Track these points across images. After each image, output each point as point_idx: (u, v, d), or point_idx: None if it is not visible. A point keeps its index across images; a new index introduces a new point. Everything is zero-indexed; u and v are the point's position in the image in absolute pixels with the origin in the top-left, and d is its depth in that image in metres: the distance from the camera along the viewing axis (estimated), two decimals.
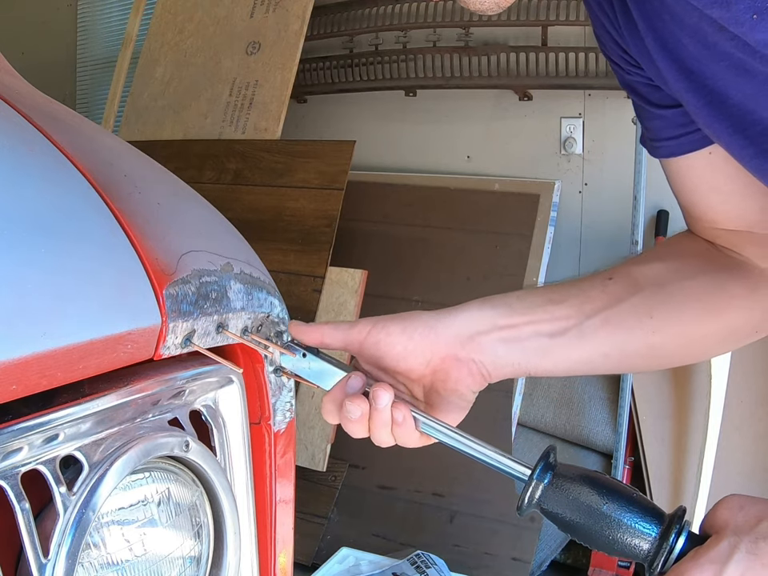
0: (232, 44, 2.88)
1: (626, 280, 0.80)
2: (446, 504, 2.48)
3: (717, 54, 0.66)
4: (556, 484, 0.67)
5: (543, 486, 0.67)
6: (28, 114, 0.81)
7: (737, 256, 0.84)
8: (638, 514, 0.65)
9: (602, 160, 2.72)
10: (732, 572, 0.62)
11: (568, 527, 0.67)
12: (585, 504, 0.66)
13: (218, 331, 0.77)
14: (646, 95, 0.78)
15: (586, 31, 2.63)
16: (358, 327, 0.75)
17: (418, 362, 0.75)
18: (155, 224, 0.77)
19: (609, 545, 0.66)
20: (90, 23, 3.95)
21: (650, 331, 0.79)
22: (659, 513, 0.66)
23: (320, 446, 2.46)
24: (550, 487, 0.67)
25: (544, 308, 0.77)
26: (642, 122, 0.83)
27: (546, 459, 0.68)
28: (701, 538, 0.65)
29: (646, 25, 0.70)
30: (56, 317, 0.62)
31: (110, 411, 0.70)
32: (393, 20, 2.81)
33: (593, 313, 0.78)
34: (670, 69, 0.71)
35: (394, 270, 2.72)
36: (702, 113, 0.71)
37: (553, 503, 0.67)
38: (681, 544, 0.64)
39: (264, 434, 0.88)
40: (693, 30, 0.66)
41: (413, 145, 3.00)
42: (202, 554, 0.82)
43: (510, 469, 0.70)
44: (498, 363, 0.76)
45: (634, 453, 2.47)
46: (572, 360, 0.79)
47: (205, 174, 2.75)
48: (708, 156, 0.78)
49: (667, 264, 0.82)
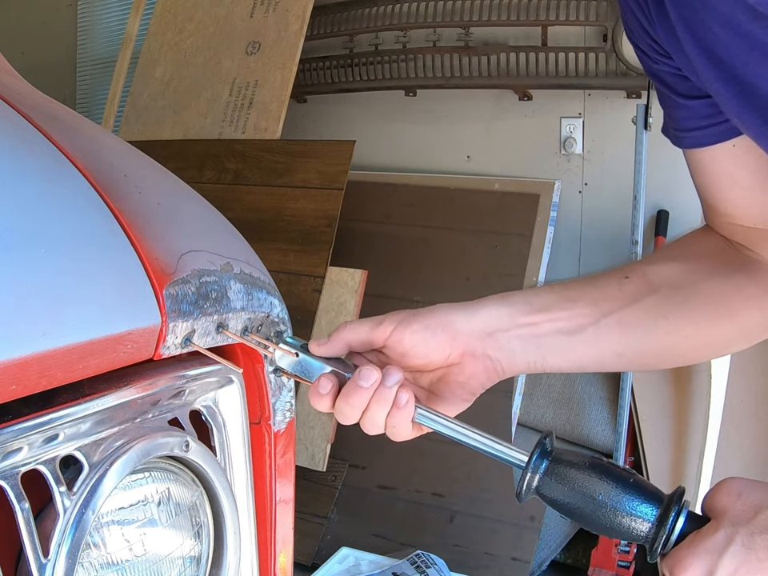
0: (232, 44, 2.88)
1: (642, 280, 0.81)
2: (446, 504, 2.48)
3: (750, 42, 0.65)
4: (553, 470, 0.68)
5: (540, 472, 0.68)
6: (28, 114, 0.81)
7: (753, 255, 0.84)
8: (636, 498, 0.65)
9: (602, 160, 2.72)
10: (727, 564, 0.62)
11: (567, 512, 0.68)
12: (582, 489, 0.66)
13: (217, 331, 0.77)
14: (673, 85, 0.78)
15: (585, 31, 2.63)
16: (382, 327, 0.75)
17: (438, 357, 0.75)
18: (155, 224, 0.77)
19: (609, 529, 0.66)
20: (89, 23, 3.95)
21: (664, 332, 0.79)
22: (658, 495, 0.66)
23: (320, 445, 2.46)
24: (548, 473, 0.68)
25: (561, 305, 0.78)
26: (666, 111, 0.83)
27: (542, 445, 0.69)
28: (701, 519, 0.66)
29: (678, 13, 0.70)
30: (56, 317, 0.62)
31: (109, 411, 0.70)
32: (393, 20, 2.81)
33: (609, 312, 0.78)
34: (700, 58, 0.70)
35: (394, 270, 2.72)
36: (731, 103, 0.71)
37: (551, 489, 0.67)
38: (680, 525, 0.65)
39: (264, 434, 0.88)
40: (725, 19, 0.66)
41: (413, 145, 3.00)
42: (202, 554, 0.82)
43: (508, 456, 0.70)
44: (513, 360, 0.76)
45: (634, 453, 2.47)
46: (586, 357, 0.79)
47: (205, 174, 2.74)
48: (732, 149, 0.78)
49: (682, 265, 0.82)
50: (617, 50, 2.51)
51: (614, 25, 2.51)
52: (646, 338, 0.80)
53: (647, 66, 0.80)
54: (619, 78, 2.55)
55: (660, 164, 2.53)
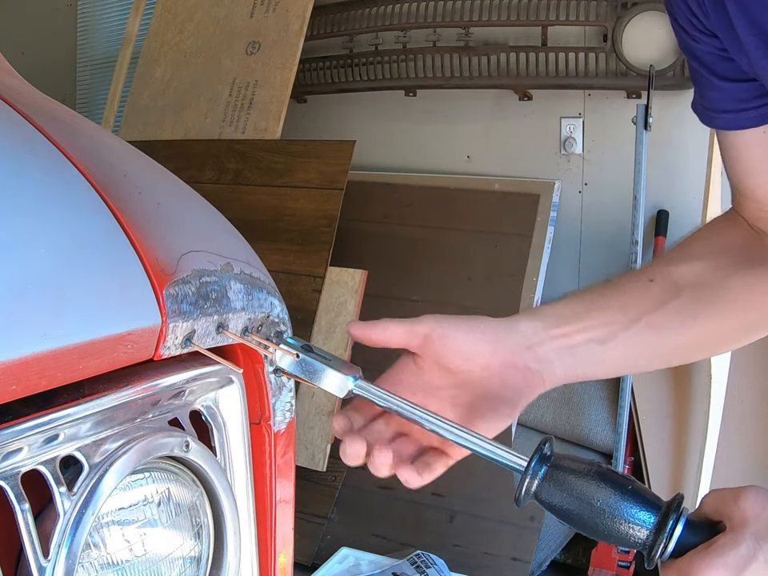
0: (232, 44, 2.88)
1: (667, 282, 0.81)
2: (446, 504, 2.48)
3: None
4: (552, 475, 0.67)
5: (539, 477, 0.68)
6: (28, 114, 0.81)
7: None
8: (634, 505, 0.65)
9: (602, 160, 2.72)
10: None
11: (565, 518, 0.67)
12: (581, 495, 0.66)
13: (218, 331, 0.77)
14: (711, 65, 0.78)
15: (585, 31, 2.63)
16: (422, 322, 0.73)
17: (479, 363, 0.74)
18: (155, 224, 0.77)
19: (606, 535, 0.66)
20: (89, 23, 3.95)
21: (695, 331, 0.80)
22: (656, 502, 0.66)
23: (320, 446, 2.46)
24: (546, 479, 0.67)
25: (591, 315, 0.78)
26: (699, 90, 0.83)
27: (541, 451, 0.69)
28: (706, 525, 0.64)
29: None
30: (56, 317, 0.62)
31: (110, 411, 0.70)
32: (393, 20, 2.81)
33: (638, 317, 0.78)
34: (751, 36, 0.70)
35: (394, 270, 2.72)
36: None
37: (549, 495, 0.67)
38: (678, 532, 0.64)
39: (264, 434, 0.88)
40: None
41: (413, 145, 3.00)
42: (202, 554, 0.81)
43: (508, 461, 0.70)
44: (551, 371, 0.76)
45: (633, 453, 2.47)
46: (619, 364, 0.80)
47: (205, 174, 2.75)
48: (762, 135, 0.79)
49: (706, 263, 0.83)
50: (617, 50, 2.51)
51: (613, 25, 2.51)
52: (677, 338, 0.80)
53: (685, 43, 0.80)
54: (619, 78, 2.55)
55: (660, 164, 2.54)
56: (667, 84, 2.47)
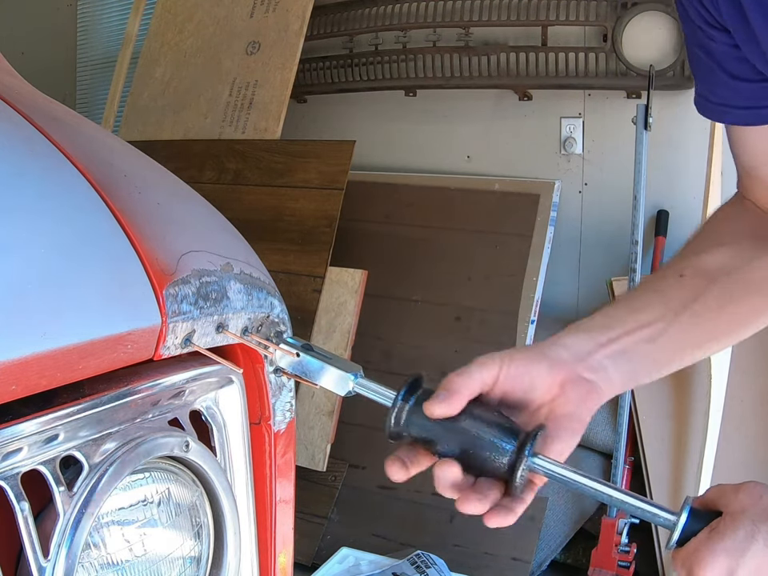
0: (232, 44, 2.88)
1: (698, 273, 0.82)
2: (446, 504, 2.46)
3: None
4: (419, 404, 0.69)
5: (407, 408, 0.70)
6: (28, 114, 0.81)
7: None
8: (496, 432, 0.68)
9: (602, 160, 2.72)
10: (748, 564, 0.61)
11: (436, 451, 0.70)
12: (446, 426, 0.69)
13: (218, 331, 0.77)
14: (724, 63, 0.78)
15: (585, 31, 2.63)
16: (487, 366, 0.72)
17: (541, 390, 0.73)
18: (155, 224, 0.77)
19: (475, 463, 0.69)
20: (89, 23, 3.95)
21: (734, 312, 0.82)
22: (515, 430, 0.69)
23: (320, 446, 2.46)
24: (415, 410, 0.70)
25: (633, 317, 0.78)
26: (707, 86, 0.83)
27: (409, 384, 0.71)
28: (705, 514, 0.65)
29: None
30: (56, 317, 0.62)
31: (109, 411, 0.70)
32: (393, 20, 2.81)
33: (680, 309, 0.79)
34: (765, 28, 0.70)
35: (394, 270, 2.72)
36: None
37: (417, 427, 0.70)
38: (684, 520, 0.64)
39: (264, 434, 0.88)
40: None
41: (413, 145, 3.00)
42: (202, 554, 0.82)
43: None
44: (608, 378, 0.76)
45: (634, 453, 2.47)
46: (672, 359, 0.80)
47: (205, 174, 2.74)
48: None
49: (731, 247, 0.84)
50: (617, 50, 2.51)
51: (613, 25, 2.51)
52: (719, 323, 0.82)
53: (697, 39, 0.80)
54: (619, 78, 2.55)
55: (660, 164, 2.53)
56: (667, 84, 2.47)
